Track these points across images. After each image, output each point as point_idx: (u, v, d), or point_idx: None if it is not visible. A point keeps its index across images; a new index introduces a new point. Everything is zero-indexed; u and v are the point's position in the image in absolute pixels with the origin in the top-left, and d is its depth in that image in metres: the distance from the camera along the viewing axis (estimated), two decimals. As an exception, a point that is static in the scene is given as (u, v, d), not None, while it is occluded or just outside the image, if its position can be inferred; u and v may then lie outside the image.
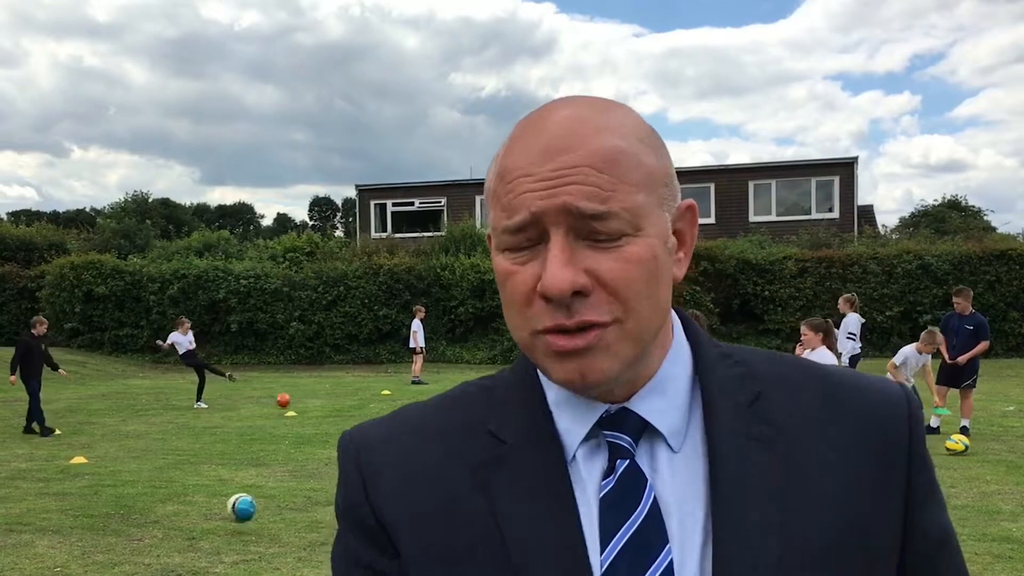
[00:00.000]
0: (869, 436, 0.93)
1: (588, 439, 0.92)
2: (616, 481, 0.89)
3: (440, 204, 35.57)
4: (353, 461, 0.99)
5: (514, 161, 0.88)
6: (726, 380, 0.95)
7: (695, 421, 0.93)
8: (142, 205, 47.16)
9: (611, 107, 0.91)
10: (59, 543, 7.33)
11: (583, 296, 0.84)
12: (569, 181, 0.84)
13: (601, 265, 0.85)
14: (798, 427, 0.92)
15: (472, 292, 26.27)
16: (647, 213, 0.87)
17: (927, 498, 0.95)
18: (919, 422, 0.96)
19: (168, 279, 27.38)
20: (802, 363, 1.00)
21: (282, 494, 9.02)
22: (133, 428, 14.33)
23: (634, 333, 0.87)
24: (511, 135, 0.92)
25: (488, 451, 0.94)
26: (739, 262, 25.63)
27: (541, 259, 0.86)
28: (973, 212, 41.25)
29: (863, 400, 0.95)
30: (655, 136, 0.92)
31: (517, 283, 0.87)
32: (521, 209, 0.86)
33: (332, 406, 16.81)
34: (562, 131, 0.87)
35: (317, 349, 27.19)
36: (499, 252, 0.90)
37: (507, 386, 1.00)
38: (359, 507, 0.96)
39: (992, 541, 6.97)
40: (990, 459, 10.36)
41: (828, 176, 32.19)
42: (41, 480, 10.01)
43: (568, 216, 0.84)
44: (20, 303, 28.84)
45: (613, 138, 0.87)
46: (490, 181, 0.92)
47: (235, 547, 7.13)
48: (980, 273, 24.29)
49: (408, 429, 1.00)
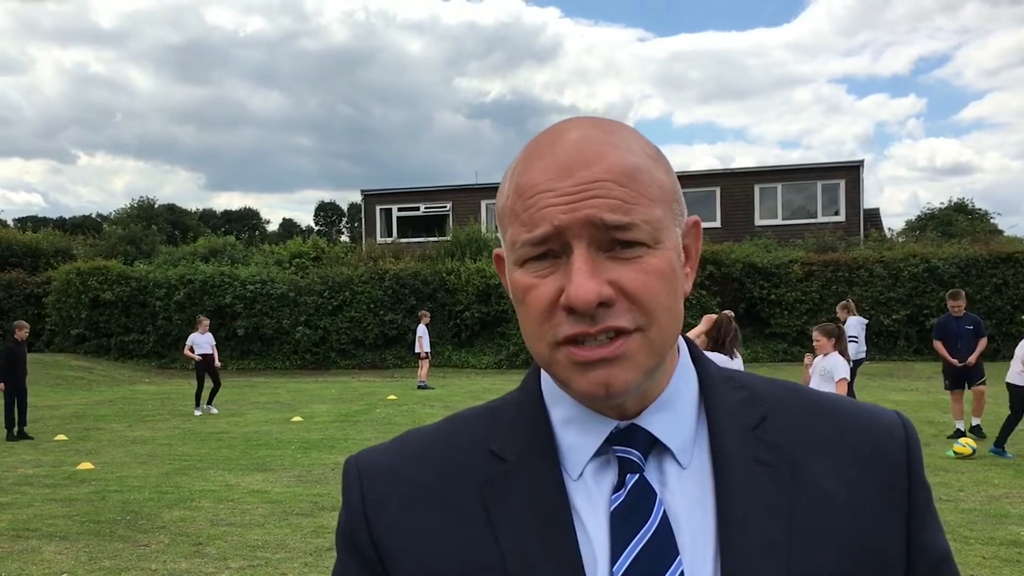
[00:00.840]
0: (869, 461, 0.95)
1: (598, 455, 0.93)
2: (627, 494, 0.90)
3: (445, 209, 35.60)
4: (356, 488, 1.00)
5: (533, 178, 0.89)
6: (731, 403, 0.97)
7: (701, 440, 0.95)
8: (148, 211, 47.27)
9: (619, 127, 0.93)
10: (66, 549, 7.33)
11: (607, 307, 0.86)
12: (592, 195, 0.86)
13: (624, 276, 0.87)
14: (800, 452, 0.94)
15: (478, 297, 26.28)
16: (664, 227, 0.90)
17: (926, 519, 0.97)
18: (916, 445, 0.99)
19: (174, 285, 27.43)
20: (799, 389, 1.02)
21: (288, 499, 9.02)
22: (139, 434, 14.34)
23: (656, 342, 0.89)
24: (524, 155, 0.94)
25: (489, 470, 0.95)
26: (745, 266, 25.62)
27: (562, 272, 0.87)
28: (980, 215, 41.12)
29: (861, 426, 0.97)
30: (661, 154, 0.95)
31: (538, 296, 0.88)
32: (543, 223, 0.87)
33: (338, 411, 16.82)
34: (578, 149, 0.89)
35: (323, 354, 27.22)
36: (517, 267, 0.91)
37: (511, 406, 1.01)
38: (359, 535, 0.97)
39: (1000, 545, 6.94)
40: (998, 463, 10.33)
41: (834, 180, 32.14)
42: (48, 486, 10.02)
43: (591, 228, 0.86)
44: (26, 309, 28.88)
45: (628, 155, 0.89)
46: (505, 199, 0.93)
47: (241, 552, 7.13)
48: (987, 276, 24.25)
49: (412, 453, 1.01)
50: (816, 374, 8.42)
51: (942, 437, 11.75)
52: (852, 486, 0.93)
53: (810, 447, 0.94)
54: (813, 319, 25.18)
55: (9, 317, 28.99)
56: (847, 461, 0.94)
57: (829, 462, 0.94)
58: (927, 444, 11.41)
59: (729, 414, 0.95)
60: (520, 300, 0.91)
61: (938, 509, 3.47)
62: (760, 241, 28.16)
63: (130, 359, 27.50)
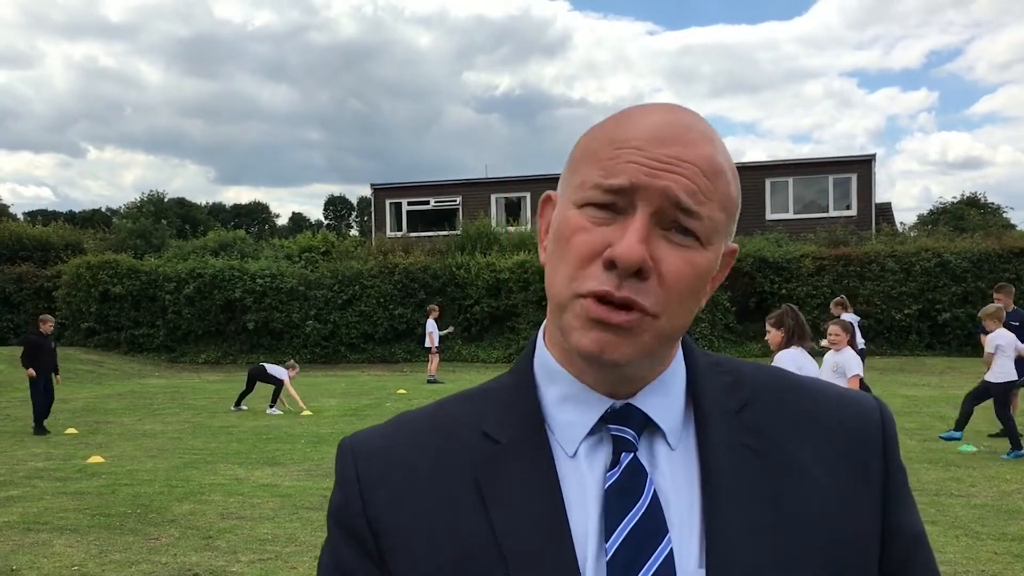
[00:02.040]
0: (847, 444, 0.98)
1: (592, 433, 0.95)
2: (621, 472, 0.92)
3: (455, 203, 35.59)
4: (352, 469, 1.01)
5: (628, 133, 0.92)
6: (716, 387, 0.99)
7: (688, 423, 0.98)
8: (158, 205, 47.33)
9: (717, 134, 0.96)
10: (76, 542, 7.35)
11: (640, 279, 0.88)
12: (677, 171, 0.89)
13: (667, 258, 0.89)
14: (782, 436, 0.97)
15: (487, 291, 26.27)
16: (719, 232, 0.93)
17: (901, 500, 0.99)
18: (891, 426, 1.02)
19: (184, 279, 27.48)
20: (783, 374, 1.05)
21: (298, 493, 9.03)
22: (149, 427, 14.38)
23: (664, 331, 0.91)
24: (624, 112, 0.97)
25: (481, 451, 0.96)
26: (756, 260, 25.53)
27: (616, 228, 0.89)
28: (992, 209, 40.97)
29: (840, 410, 1.00)
30: (737, 173, 0.98)
31: (585, 240, 0.90)
32: (623, 175, 0.89)
33: (348, 405, 16.84)
34: (682, 128, 0.92)
35: (333, 348, 27.24)
36: (575, 207, 0.92)
37: (505, 388, 1.02)
38: (354, 515, 0.98)
39: (1012, 540, 6.90)
40: (1010, 458, 10.27)
41: (846, 174, 32.02)
42: (58, 479, 10.05)
43: (663, 200, 0.89)
44: (37, 303, 28.97)
45: (721, 157, 0.93)
46: (592, 141, 0.95)
47: (252, 546, 7.14)
48: (999, 271, 24.09)
49: (406, 435, 1.02)
50: (828, 369, 8.34)
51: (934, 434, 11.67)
52: (832, 468, 0.96)
53: (792, 431, 0.97)
54: (825, 314, 25.12)
55: (20, 311, 29.16)
56: (827, 444, 0.97)
57: (810, 445, 0.97)
58: (937, 440, 11.37)
59: (715, 399, 0.98)
60: (565, 239, 0.92)
61: (949, 504, 3.45)
62: (771, 235, 28.04)
63: (140, 353, 27.58)
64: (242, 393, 16.60)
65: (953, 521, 7.44)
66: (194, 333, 27.61)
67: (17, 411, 16.30)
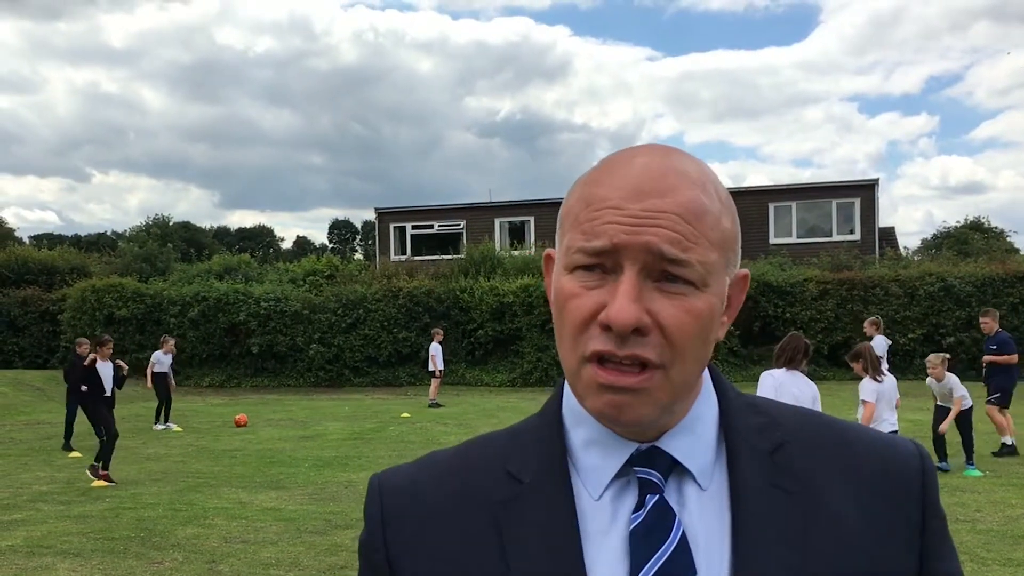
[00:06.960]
0: (885, 490, 0.96)
1: (619, 476, 0.95)
2: (646, 514, 0.92)
3: (459, 227, 35.66)
4: (377, 505, 1.03)
5: (604, 191, 0.91)
6: (750, 428, 0.98)
7: (720, 464, 0.96)
8: (163, 229, 47.49)
9: (699, 166, 0.95)
10: (80, 566, 7.34)
11: (640, 335, 0.88)
12: (656, 223, 0.88)
13: (664, 310, 0.88)
14: (817, 479, 0.95)
15: (491, 315, 26.26)
16: (716, 272, 0.91)
17: (940, 548, 0.97)
18: (932, 475, 1.00)
19: (188, 302, 27.53)
20: (821, 418, 1.03)
21: (302, 517, 9.01)
22: (153, 451, 14.38)
23: (676, 381, 0.90)
24: (599, 167, 0.96)
25: (504, 490, 0.97)
26: (760, 284, 25.52)
27: (607, 289, 0.89)
28: (996, 233, 40.98)
29: (878, 456, 0.98)
30: (732, 201, 0.97)
31: (579, 306, 0.90)
32: (603, 236, 0.89)
33: (352, 429, 16.80)
34: (655, 176, 0.91)
35: (337, 372, 27.23)
36: (567, 272, 0.93)
37: (532, 429, 1.03)
38: (376, 550, 1.01)
39: (1017, 566, 6.88)
40: (1015, 483, 10.24)
41: (849, 198, 32.04)
42: (62, 503, 10.04)
43: (647, 255, 0.88)
44: (42, 326, 29.03)
45: (702, 195, 0.91)
46: (571, 204, 0.95)
47: (255, 571, 7.12)
48: (1004, 295, 24.06)
49: (432, 473, 1.03)
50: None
51: (959, 457, 11.62)
52: (867, 514, 0.94)
53: (827, 474, 0.96)
54: (828, 338, 25.11)
55: (25, 334, 29.18)
56: (863, 489, 0.95)
57: (845, 489, 0.95)
58: (940, 463, 11.32)
59: (747, 439, 0.97)
60: (561, 306, 0.93)
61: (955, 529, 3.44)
62: (775, 259, 28.07)
63: (144, 376, 27.51)
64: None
65: (959, 546, 7.38)
66: (198, 356, 27.58)
67: (21, 434, 16.31)
